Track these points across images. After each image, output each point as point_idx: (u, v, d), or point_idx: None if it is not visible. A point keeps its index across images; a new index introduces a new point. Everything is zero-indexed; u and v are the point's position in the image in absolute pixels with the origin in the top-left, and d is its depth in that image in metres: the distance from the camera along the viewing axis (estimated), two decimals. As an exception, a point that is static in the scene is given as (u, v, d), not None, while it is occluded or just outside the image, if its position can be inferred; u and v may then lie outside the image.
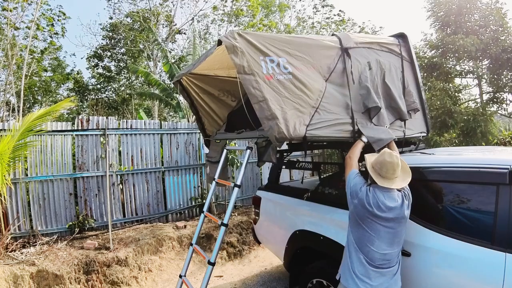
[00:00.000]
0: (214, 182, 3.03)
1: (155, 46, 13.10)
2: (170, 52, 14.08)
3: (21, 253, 3.82)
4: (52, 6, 11.63)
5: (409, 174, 2.02)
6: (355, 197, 1.99)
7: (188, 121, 8.44)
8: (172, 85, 8.19)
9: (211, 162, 3.44)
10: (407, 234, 2.04)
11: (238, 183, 2.57)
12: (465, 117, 6.99)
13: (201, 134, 3.93)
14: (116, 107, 14.87)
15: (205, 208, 2.97)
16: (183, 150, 5.87)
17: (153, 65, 13.75)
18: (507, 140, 7.48)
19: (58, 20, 12.02)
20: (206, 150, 5.45)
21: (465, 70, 7.86)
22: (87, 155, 4.84)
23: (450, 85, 7.71)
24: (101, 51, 14.42)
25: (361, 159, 2.59)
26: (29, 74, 11.07)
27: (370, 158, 2.13)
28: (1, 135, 3.90)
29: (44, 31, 11.73)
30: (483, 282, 1.69)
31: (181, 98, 8.63)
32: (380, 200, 1.89)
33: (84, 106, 14.57)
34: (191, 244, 2.88)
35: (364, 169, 2.60)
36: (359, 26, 15.63)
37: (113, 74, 14.91)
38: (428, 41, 8.33)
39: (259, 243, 3.72)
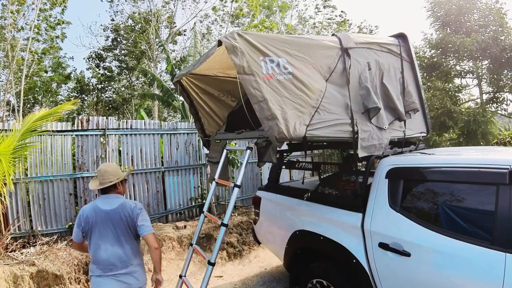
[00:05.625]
0: (214, 182, 3.03)
1: (156, 47, 13.16)
2: (171, 53, 14.13)
3: (21, 253, 3.82)
4: (52, 12, 11.83)
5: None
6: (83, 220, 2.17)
7: (189, 121, 8.47)
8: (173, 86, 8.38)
9: (212, 162, 3.44)
10: (407, 234, 2.04)
11: (238, 183, 2.57)
12: (466, 118, 6.98)
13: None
14: (117, 107, 14.89)
15: (205, 208, 2.97)
16: (183, 150, 5.87)
17: (153, 65, 13.78)
18: (507, 140, 7.48)
19: (58, 23, 12.16)
20: (206, 150, 5.45)
21: (465, 70, 7.85)
22: (87, 155, 4.84)
23: (450, 85, 7.71)
24: (102, 52, 14.47)
25: (357, 159, 2.58)
26: (29, 75, 11.09)
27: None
28: (1, 136, 3.90)
29: (42, 35, 11.86)
30: (483, 282, 1.69)
31: (181, 98, 8.76)
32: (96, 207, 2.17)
33: (85, 106, 14.60)
34: (191, 244, 2.88)
35: (364, 169, 2.60)
36: (358, 26, 15.67)
37: (114, 74, 14.95)
38: (428, 40, 8.33)
39: (259, 243, 3.72)
